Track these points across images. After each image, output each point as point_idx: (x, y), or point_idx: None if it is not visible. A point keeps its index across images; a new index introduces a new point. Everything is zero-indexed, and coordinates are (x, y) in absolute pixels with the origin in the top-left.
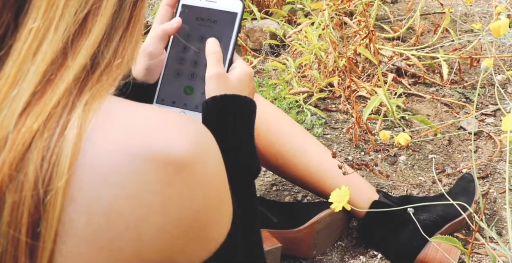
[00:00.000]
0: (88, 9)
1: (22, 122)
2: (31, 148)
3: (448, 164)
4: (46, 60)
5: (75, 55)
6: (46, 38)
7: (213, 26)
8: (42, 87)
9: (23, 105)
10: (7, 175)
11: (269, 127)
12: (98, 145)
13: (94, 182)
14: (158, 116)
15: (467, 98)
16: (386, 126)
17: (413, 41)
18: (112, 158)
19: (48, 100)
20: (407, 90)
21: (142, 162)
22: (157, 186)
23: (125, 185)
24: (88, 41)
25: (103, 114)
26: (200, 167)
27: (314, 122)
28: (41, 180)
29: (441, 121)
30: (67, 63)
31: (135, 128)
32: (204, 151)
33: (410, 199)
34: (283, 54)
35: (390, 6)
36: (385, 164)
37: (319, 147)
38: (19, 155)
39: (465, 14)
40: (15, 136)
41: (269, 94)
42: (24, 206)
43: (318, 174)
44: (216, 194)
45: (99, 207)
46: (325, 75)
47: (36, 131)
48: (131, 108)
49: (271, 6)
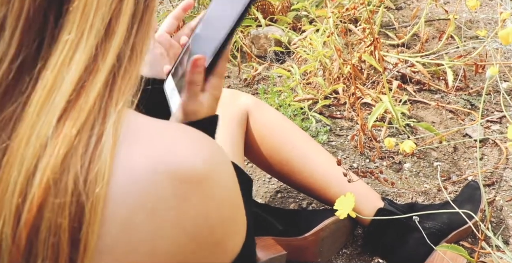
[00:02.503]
0: (112, 13)
1: (60, 128)
2: (71, 153)
3: (453, 171)
4: (79, 68)
5: (104, 58)
6: (79, 47)
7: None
8: (77, 94)
9: (59, 113)
10: (51, 178)
11: (274, 134)
12: (121, 158)
13: (114, 194)
14: (175, 132)
15: (472, 105)
16: (391, 133)
17: (418, 48)
18: (131, 171)
19: (83, 105)
20: (412, 97)
21: (159, 177)
22: (173, 201)
23: (142, 199)
24: (114, 42)
25: (127, 127)
26: (214, 182)
27: (319, 129)
28: (82, 185)
29: (446, 128)
30: (98, 67)
31: (154, 144)
32: (217, 166)
33: (415, 207)
34: (288, 61)
35: (394, 13)
36: (390, 172)
37: (324, 154)
38: (60, 159)
39: (470, 20)
40: (54, 142)
41: (274, 101)
42: (66, 211)
43: (323, 181)
44: (231, 207)
45: (116, 219)
46: (330, 82)
47: (75, 136)
48: (152, 125)
49: (276, 13)
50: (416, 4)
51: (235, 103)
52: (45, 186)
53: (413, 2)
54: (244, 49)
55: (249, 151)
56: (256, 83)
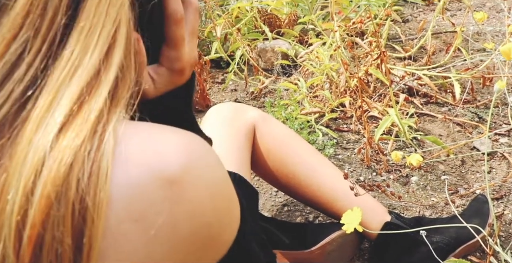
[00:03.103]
0: (116, 26)
1: (60, 141)
2: (74, 164)
3: (461, 185)
4: (81, 83)
5: (107, 72)
6: (82, 64)
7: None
8: (78, 107)
9: (59, 126)
10: (52, 192)
11: (280, 148)
12: (116, 163)
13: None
14: (163, 134)
15: (480, 117)
16: (398, 146)
17: (425, 61)
18: (125, 177)
19: (86, 115)
20: (419, 110)
21: (145, 182)
22: (164, 205)
23: (130, 208)
24: (117, 54)
25: (123, 133)
26: (205, 179)
27: (325, 143)
28: (85, 192)
29: (453, 141)
30: (101, 81)
31: (142, 149)
32: (204, 163)
33: (422, 221)
34: (294, 74)
35: (401, 26)
36: (397, 185)
37: (330, 167)
38: (62, 172)
39: (477, 33)
40: (55, 155)
41: (281, 114)
42: (68, 220)
43: (330, 195)
44: (226, 202)
45: (106, 229)
46: (336, 95)
47: (79, 147)
48: (143, 128)
49: (283, 26)
50: (423, 17)
51: (242, 117)
52: (46, 201)
53: (420, 14)
54: (251, 63)
55: (256, 164)
56: (263, 96)
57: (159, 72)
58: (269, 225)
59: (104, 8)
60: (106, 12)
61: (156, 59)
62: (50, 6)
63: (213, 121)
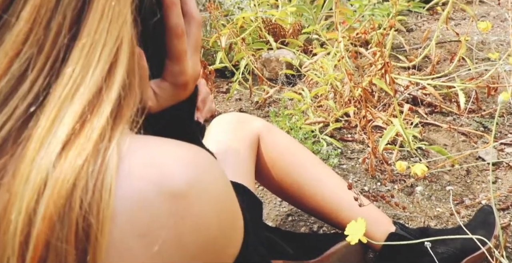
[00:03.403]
0: (117, 47)
1: (63, 160)
2: (76, 183)
3: (466, 195)
4: (83, 102)
5: (109, 90)
6: (84, 81)
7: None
8: (80, 125)
9: (61, 145)
10: (55, 213)
11: (285, 158)
12: (119, 179)
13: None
14: (167, 148)
15: (485, 127)
16: (403, 156)
17: (429, 70)
18: (127, 192)
19: (89, 134)
20: (423, 120)
21: (150, 196)
22: (168, 220)
23: (134, 222)
24: (119, 72)
25: (127, 149)
26: (210, 193)
27: (330, 152)
28: (87, 210)
29: (458, 151)
30: (103, 99)
31: (142, 165)
32: (209, 176)
33: (427, 231)
34: (299, 83)
35: (405, 35)
36: (402, 195)
37: (335, 178)
38: (65, 192)
39: (482, 42)
40: (58, 174)
41: (285, 124)
42: (72, 238)
43: (334, 205)
44: (230, 215)
45: (110, 244)
46: (340, 105)
47: (81, 166)
48: (147, 142)
49: (287, 36)
50: (427, 26)
51: (246, 127)
52: (48, 222)
53: (424, 24)
54: (255, 72)
55: (260, 174)
56: (268, 106)
57: (162, 86)
58: (273, 235)
59: (105, 25)
60: (108, 29)
61: (159, 73)
62: (54, 23)
63: (217, 131)
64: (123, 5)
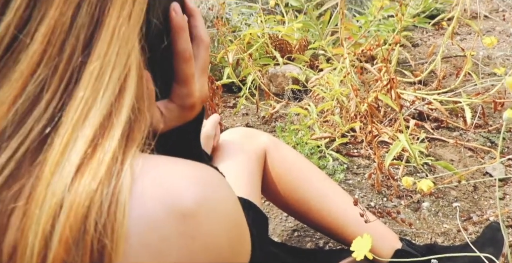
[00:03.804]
0: (126, 70)
1: (77, 184)
2: (91, 207)
3: (474, 211)
4: (94, 125)
5: (119, 114)
6: (94, 105)
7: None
8: (92, 149)
9: (75, 169)
10: (70, 237)
11: (291, 174)
12: (132, 200)
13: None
14: (177, 168)
15: (492, 142)
16: (409, 171)
17: (435, 85)
18: (140, 212)
19: (101, 157)
20: (429, 135)
21: (161, 216)
22: (179, 239)
23: (146, 242)
24: (127, 96)
25: (140, 170)
26: (219, 212)
27: (336, 168)
28: (103, 232)
29: (465, 166)
30: (113, 123)
31: (154, 186)
32: (218, 195)
33: (434, 248)
34: (305, 99)
35: (411, 50)
36: (408, 211)
37: (341, 193)
38: (80, 216)
39: (487, 57)
40: (72, 198)
41: (292, 139)
42: (87, 259)
43: (340, 221)
44: (239, 232)
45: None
46: (346, 120)
47: (95, 190)
48: (159, 162)
49: (294, 51)
50: (433, 41)
51: (253, 142)
52: (64, 245)
53: (430, 39)
54: (262, 87)
55: (267, 189)
56: (274, 121)
57: (169, 108)
58: (279, 250)
59: (115, 49)
60: (117, 53)
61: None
62: (68, 45)
63: (224, 146)
64: (132, 30)
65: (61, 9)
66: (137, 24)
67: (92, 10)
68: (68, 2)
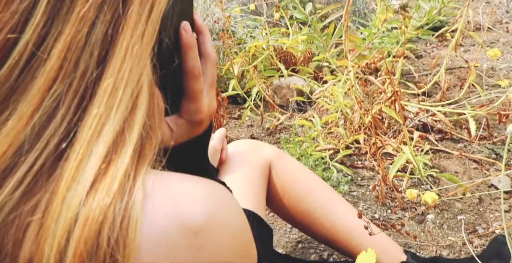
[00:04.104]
0: (139, 88)
1: (91, 199)
2: (105, 222)
3: (479, 224)
4: (108, 142)
5: (131, 130)
6: (107, 122)
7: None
8: (106, 166)
9: (89, 185)
10: (85, 251)
11: (295, 186)
12: (143, 215)
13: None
14: (187, 185)
15: (497, 154)
16: (413, 183)
17: (439, 97)
18: (151, 228)
19: (114, 173)
20: (434, 146)
21: (171, 232)
22: (189, 254)
23: (157, 257)
24: (139, 113)
25: (151, 186)
26: (228, 227)
27: (340, 179)
28: (115, 247)
29: (470, 178)
30: (125, 139)
31: (165, 202)
32: (227, 212)
33: (439, 261)
34: (309, 110)
35: (414, 61)
36: (413, 223)
37: (345, 205)
38: (94, 231)
39: (491, 68)
40: (87, 213)
41: (296, 150)
42: None
43: (344, 233)
44: (245, 246)
45: None
46: (351, 131)
47: (108, 205)
48: (169, 179)
49: (298, 63)
50: (436, 52)
51: (258, 154)
52: (79, 258)
53: (433, 50)
54: (267, 99)
55: (271, 201)
56: (279, 132)
57: (178, 123)
58: (284, 262)
59: (128, 66)
60: (130, 70)
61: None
62: (82, 61)
63: (230, 158)
64: (145, 48)
65: (77, 26)
66: (149, 43)
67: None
68: (83, 20)
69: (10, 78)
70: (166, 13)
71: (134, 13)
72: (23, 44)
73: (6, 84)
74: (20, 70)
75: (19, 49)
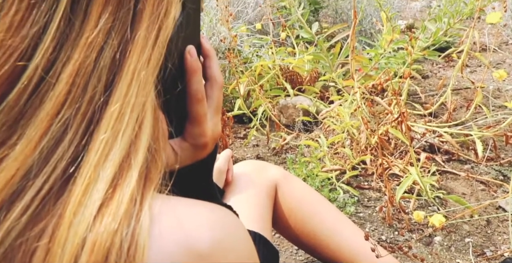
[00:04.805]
0: (144, 111)
1: (98, 224)
2: (111, 247)
3: (487, 246)
4: (114, 166)
5: (136, 154)
6: (114, 146)
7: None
8: (112, 190)
9: (96, 210)
10: None
11: (302, 207)
12: (151, 241)
13: None
14: (194, 210)
15: (504, 175)
16: (420, 204)
17: (446, 118)
18: (158, 255)
19: (121, 198)
20: (441, 167)
21: (178, 257)
22: None
23: None
24: (144, 137)
25: (158, 212)
26: (234, 252)
27: (346, 200)
28: None
29: (477, 200)
30: (131, 163)
31: (171, 227)
32: (234, 237)
33: None
34: (315, 130)
35: (421, 82)
36: (420, 245)
37: (351, 227)
38: (100, 256)
39: (498, 89)
40: (94, 238)
41: (302, 171)
42: None
43: (351, 255)
44: None
45: None
46: (357, 152)
47: (115, 231)
48: (176, 204)
49: (304, 83)
50: (443, 73)
51: (264, 175)
52: None
53: (440, 71)
54: (272, 119)
55: (277, 222)
56: (285, 153)
57: (182, 146)
58: None
59: (134, 91)
60: (136, 95)
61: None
62: (90, 86)
63: (235, 179)
64: (151, 73)
65: (86, 52)
66: (155, 68)
67: (114, 53)
68: (92, 45)
69: (19, 102)
70: (172, 38)
71: (141, 39)
72: (33, 68)
73: (15, 108)
74: (29, 95)
75: (29, 74)
